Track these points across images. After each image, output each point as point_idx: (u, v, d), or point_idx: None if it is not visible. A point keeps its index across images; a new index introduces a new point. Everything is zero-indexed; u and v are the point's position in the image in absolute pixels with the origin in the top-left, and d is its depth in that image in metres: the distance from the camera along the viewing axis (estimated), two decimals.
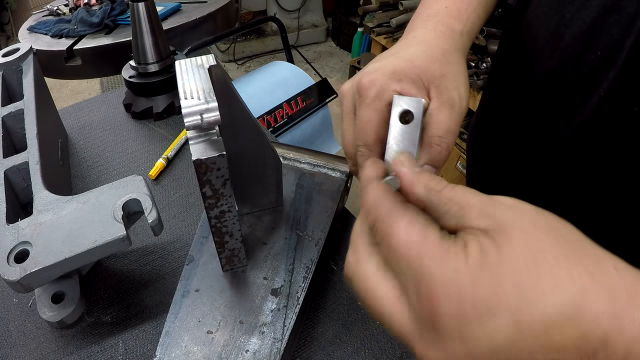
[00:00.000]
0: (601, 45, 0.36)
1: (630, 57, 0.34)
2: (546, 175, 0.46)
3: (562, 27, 0.39)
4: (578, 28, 0.37)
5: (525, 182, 0.49)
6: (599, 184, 0.41)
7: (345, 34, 3.26)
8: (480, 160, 0.60)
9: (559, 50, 0.40)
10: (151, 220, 0.44)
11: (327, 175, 0.58)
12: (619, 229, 0.41)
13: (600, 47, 0.36)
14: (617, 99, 0.35)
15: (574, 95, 0.39)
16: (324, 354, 0.47)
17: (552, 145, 0.43)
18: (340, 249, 0.57)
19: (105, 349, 0.48)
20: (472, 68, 1.89)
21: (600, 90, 0.36)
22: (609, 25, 0.35)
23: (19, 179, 0.54)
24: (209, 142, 0.38)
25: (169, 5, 1.40)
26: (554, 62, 0.40)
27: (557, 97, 0.41)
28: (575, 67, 0.38)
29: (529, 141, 0.47)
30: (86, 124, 0.82)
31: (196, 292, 0.47)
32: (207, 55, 0.42)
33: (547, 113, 0.43)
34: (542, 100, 0.43)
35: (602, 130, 0.38)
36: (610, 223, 0.42)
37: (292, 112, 1.42)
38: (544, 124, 0.44)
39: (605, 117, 0.37)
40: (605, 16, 0.35)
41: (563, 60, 0.39)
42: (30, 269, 0.41)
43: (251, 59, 3.30)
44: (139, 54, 0.79)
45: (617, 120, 0.36)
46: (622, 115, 0.36)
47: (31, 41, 1.30)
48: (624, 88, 0.35)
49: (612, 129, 0.37)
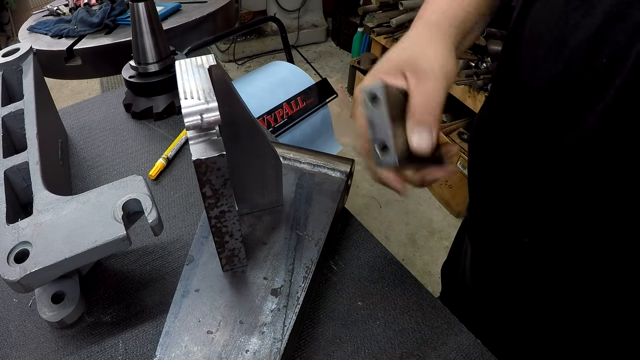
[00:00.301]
0: (607, 52, 0.36)
1: (637, 64, 0.34)
2: (549, 179, 0.46)
3: (566, 33, 0.39)
4: (583, 35, 0.38)
5: (527, 185, 0.49)
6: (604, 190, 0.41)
7: (345, 34, 3.26)
8: (481, 161, 0.60)
9: (563, 56, 0.40)
10: (151, 220, 0.44)
11: (327, 175, 0.58)
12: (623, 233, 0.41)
13: (605, 54, 0.36)
14: (625, 106, 0.35)
15: (579, 102, 0.39)
16: (324, 354, 0.47)
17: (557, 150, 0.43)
18: (340, 249, 0.57)
19: (105, 349, 0.48)
20: (472, 68, 1.88)
21: (607, 97, 0.36)
22: (615, 32, 0.35)
23: (19, 179, 0.54)
24: (209, 142, 0.38)
25: (169, 5, 1.40)
26: (558, 68, 0.40)
27: (561, 103, 0.41)
28: (579, 73, 0.38)
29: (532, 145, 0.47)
30: (86, 124, 0.82)
31: (196, 292, 0.47)
32: (207, 55, 0.42)
33: (552, 118, 0.43)
34: (545, 105, 0.44)
35: (609, 138, 0.38)
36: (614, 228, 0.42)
37: (292, 112, 1.42)
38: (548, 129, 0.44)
39: (612, 125, 0.37)
40: (611, 24, 0.36)
41: (567, 67, 0.39)
42: (30, 269, 0.41)
43: (251, 59, 3.30)
44: (139, 54, 0.79)
45: (624, 127, 0.36)
46: (630, 122, 0.36)
47: (31, 41, 1.30)
48: (631, 96, 0.35)
49: (619, 136, 0.37)
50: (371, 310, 0.50)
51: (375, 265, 0.55)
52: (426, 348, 0.47)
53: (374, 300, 0.51)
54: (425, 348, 0.47)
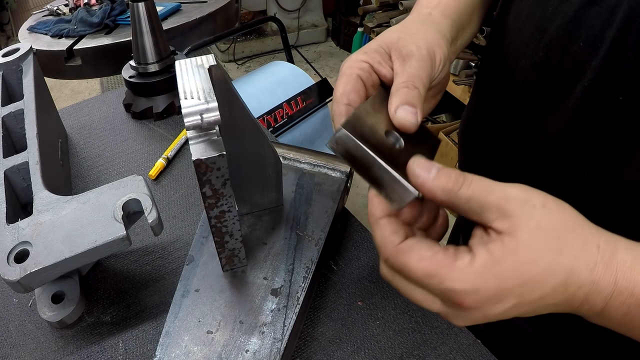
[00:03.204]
0: (583, 36, 0.37)
1: (612, 47, 0.35)
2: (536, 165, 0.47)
3: (545, 20, 0.41)
4: (561, 20, 0.39)
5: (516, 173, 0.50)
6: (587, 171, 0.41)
7: (345, 34, 3.26)
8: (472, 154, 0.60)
9: (544, 43, 0.41)
10: (151, 220, 0.44)
11: (327, 175, 0.58)
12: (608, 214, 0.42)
13: (582, 38, 0.37)
14: (602, 88, 0.37)
15: (559, 86, 0.41)
16: (324, 354, 0.47)
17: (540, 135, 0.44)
18: (340, 249, 0.57)
19: (105, 349, 0.48)
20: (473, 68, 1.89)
21: (584, 80, 0.38)
22: (590, 17, 0.37)
23: (19, 179, 0.54)
24: (209, 142, 0.38)
25: (169, 5, 1.40)
26: (539, 54, 0.42)
27: (543, 88, 0.43)
28: (559, 58, 0.40)
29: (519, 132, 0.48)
30: (86, 124, 0.82)
31: (196, 292, 0.47)
32: (207, 55, 0.42)
33: (534, 104, 0.44)
34: (528, 92, 0.45)
35: (588, 120, 0.39)
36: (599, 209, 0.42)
37: (292, 112, 1.42)
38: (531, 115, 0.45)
39: (591, 107, 0.38)
40: (586, 8, 0.37)
41: (547, 52, 0.41)
42: (30, 269, 0.41)
43: (251, 59, 3.30)
44: (139, 54, 0.79)
45: (602, 109, 0.38)
46: (607, 104, 0.37)
47: (31, 41, 1.30)
48: (607, 78, 0.36)
49: (597, 118, 0.38)
50: (371, 310, 0.50)
51: (375, 265, 0.55)
52: (426, 348, 0.47)
53: (374, 300, 0.51)
54: (425, 348, 0.47)
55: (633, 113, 0.36)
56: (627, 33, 0.34)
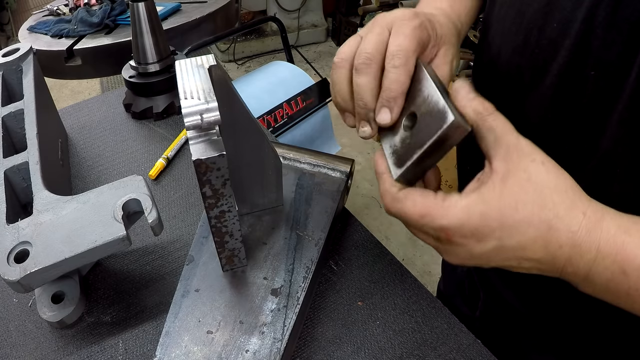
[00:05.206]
0: (557, 17, 0.40)
1: (583, 25, 0.38)
2: None
3: (525, 5, 0.44)
4: (537, 4, 0.42)
5: None
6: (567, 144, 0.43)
7: (345, 34, 3.26)
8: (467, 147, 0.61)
9: (523, 26, 0.44)
10: (151, 220, 0.44)
11: (327, 175, 0.58)
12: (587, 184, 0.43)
13: (556, 20, 0.40)
14: (575, 65, 0.39)
15: (537, 66, 0.43)
16: (324, 354, 0.47)
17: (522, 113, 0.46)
18: (340, 249, 0.57)
19: (105, 349, 0.48)
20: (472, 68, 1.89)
21: (559, 58, 0.40)
22: None
23: (19, 179, 0.54)
24: (209, 142, 0.38)
25: (169, 5, 1.40)
26: (520, 38, 0.45)
27: (524, 70, 0.45)
28: (536, 39, 0.43)
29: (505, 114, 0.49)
30: (86, 124, 0.82)
31: (196, 292, 0.47)
32: (207, 55, 0.42)
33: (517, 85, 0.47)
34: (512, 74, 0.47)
35: (565, 95, 0.42)
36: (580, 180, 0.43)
37: (292, 112, 1.42)
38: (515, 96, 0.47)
39: (566, 83, 0.41)
40: None
41: (526, 35, 0.44)
42: (30, 269, 0.41)
43: (251, 59, 3.30)
44: (139, 54, 0.79)
45: (577, 84, 0.40)
46: (581, 79, 0.39)
47: (31, 41, 1.30)
48: (579, 55, 0.39)
49: (573, 93, 0.41)
50: (371, 310, 0.50)
51: (375, 265, 0.55)
52: (426, 348, 0.47)
53: (374, 300, 0.51)
54: (425, 348, 0.47)
55: (603, 86, 0.38)
56: (595, 13, 0.37)
